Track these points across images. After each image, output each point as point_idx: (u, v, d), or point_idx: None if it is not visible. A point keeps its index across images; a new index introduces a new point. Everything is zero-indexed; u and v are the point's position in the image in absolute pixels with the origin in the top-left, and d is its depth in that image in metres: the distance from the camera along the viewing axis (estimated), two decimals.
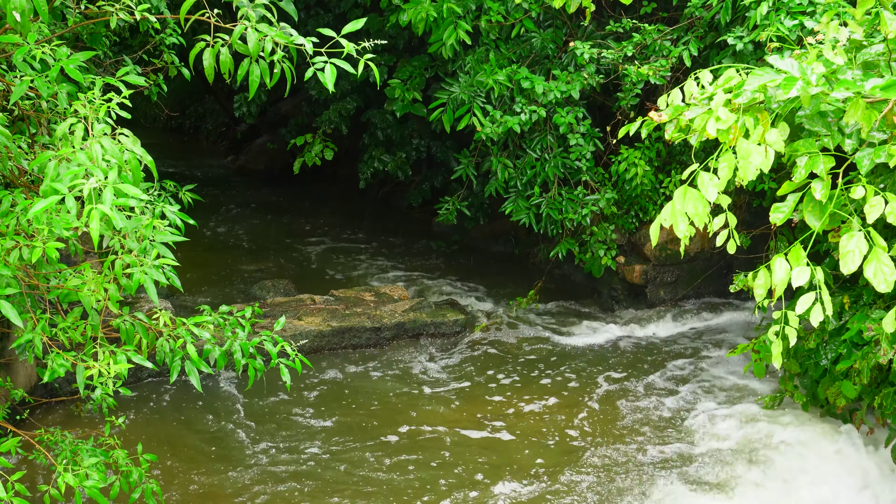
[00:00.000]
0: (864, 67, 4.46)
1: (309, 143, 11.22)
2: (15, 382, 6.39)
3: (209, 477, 6.14)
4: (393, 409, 7.30)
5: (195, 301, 9.38)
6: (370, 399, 7.48)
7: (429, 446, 6.66)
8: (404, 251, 11.95)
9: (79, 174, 3.33)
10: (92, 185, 3.26)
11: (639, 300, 9.63)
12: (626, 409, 7.29)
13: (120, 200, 3.33)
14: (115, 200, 3.30)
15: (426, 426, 6.99)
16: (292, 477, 6.17)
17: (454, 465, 6.39)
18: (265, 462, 6.38)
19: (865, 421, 6.44)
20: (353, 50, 3.88)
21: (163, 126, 20.87)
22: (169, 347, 4.34)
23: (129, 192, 3.35)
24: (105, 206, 3.25)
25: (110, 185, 3.31)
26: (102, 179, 3.34)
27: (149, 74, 6.98)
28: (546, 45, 8.82)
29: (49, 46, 3.93)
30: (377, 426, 6.99)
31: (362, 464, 6.39)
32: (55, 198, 3.24)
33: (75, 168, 3.35)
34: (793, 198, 4.00)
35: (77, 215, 3.34)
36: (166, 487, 5.92)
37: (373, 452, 6.56)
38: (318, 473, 6.24)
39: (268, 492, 5.97)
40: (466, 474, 6.25)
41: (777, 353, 3.97)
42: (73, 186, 3.30)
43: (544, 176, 8.78)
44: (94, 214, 3.20)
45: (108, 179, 3.35)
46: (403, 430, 6.91)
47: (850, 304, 6.49)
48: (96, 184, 3.28)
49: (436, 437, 6.79)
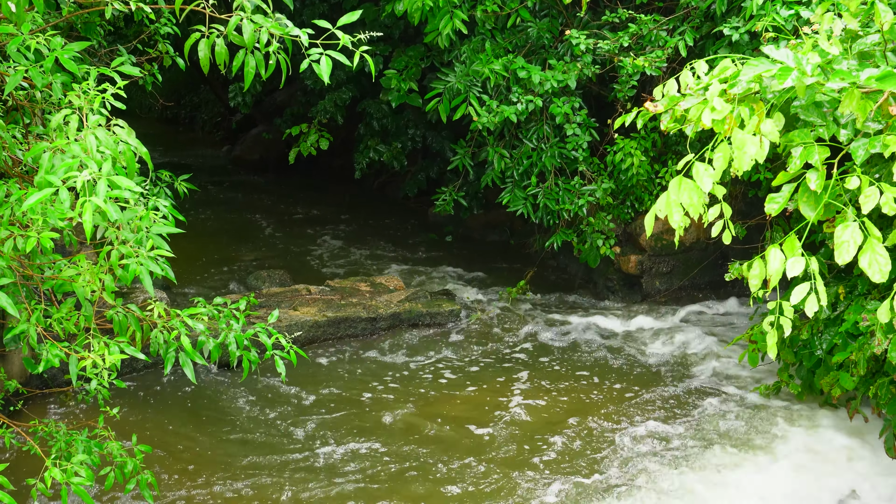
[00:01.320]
0: (859, 58, 4.46)
1: (304, 132, 11.19)
2: (10, 373, 6.39)
3: (203, 467, 6.15)
4: (388, 399, 7.31)
5: (190, 291, 9.38)
6: (365, 389, 7.49)
7: (424, 435, 6.67)
8: (400, 241, 11.95)
9: (73, 166, 3.32)
10: (86, 178, 3.25)
11: (634, 290, 9.64)
12: (621, 397, 7.30)
13: (114, 192, 3.33)
14: (108, 192, 3.29)
15: (421, 416, 6.99)
16: (286, 466, 6.18)
17: (450, 453, 6.39)
18: (259, 452, 6.38)
19: (860, 411, 6.47)
20: (348, 42, 3.87)
21: (158, 116, 20.83)
22: (163, 339, 4.34)
23: (122, 184, 3.35)
24: (99, 198, 3.24)
25: (104, 176, 3.30)
26: (96, 171, 3.33)
27: (143, 64, 6.96)
28: (542, 34, 8.81)
29: (44, 37, 3.91)
30: (372, 416, 7.00)
31: (357, 453, 6.39)
32: (49, 190, 3.24)
33: (70, 160, 3.34)
34: (788, 188, 4.00)
35: (71, 206, 3.33)
36: (160, 478, 5.92)
37: (367, 442, 6.56)
38: (312, 464, 6.25)
39: (262, 481, 5.97)
40: (463, 464, 6.26)
41: (772, 343, 3.98)
42: (67, 178, 3.29)
43: (541, 166, 8.77)
44: (87, 207, 3.19)
45: (102, 171, 3.34)
46: (398, 420, 6.92)
47: (844, 295, 6.51)
48: (90, 176, 3.27)
49: (431, 427, 6.80)
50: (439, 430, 6.77)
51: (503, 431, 6.74)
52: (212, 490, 5.86)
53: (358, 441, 6.58)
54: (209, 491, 5.85)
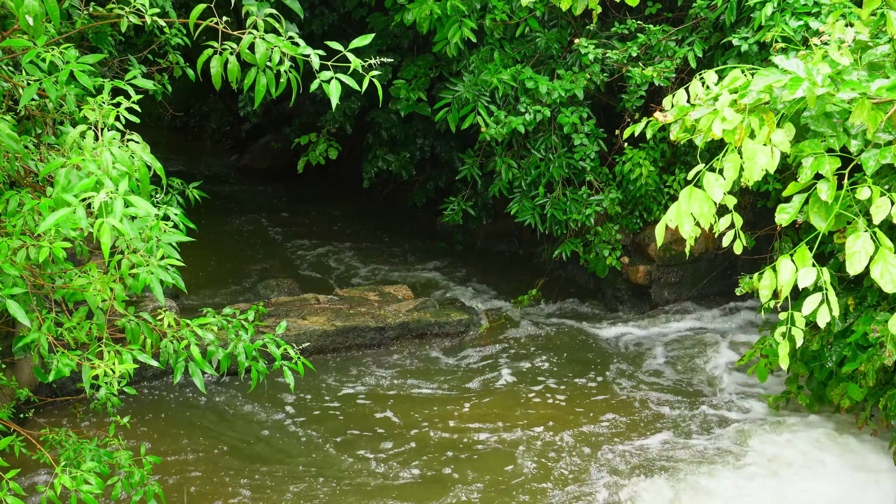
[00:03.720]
0: (869, 68, 4.46)
1: (313, 142, 11.22)
2: (20, 381, 6.40)
3: (210, 478, 6.15)
4: (397, 410, 7.30)
5: (199, 300, 9.38)
6: (373, 399, 7.48)
7: (434, 446, 6.66)
8: (408, 251, 11.95)
9: (89, 186, 3.34)
10: (103, 199, 3.28)
11: (642, 300, 9.63)
12: (632, 408, 7.28)
13: (129, 210, 3.35)
14: (125, 210, 3.32)
15: (430, 426, 6.98)
16: (294, 476, 6.18)
17: (461, 465, 6.38)
18: (266, 461, 6.38)
19: (869, 422, 6.44)
20: (359, 66, 3.89)
21: (167, 125, 20.86)
22: (173, 348, 4.35)
23: (139, 204, 3.37)
24: (115, 219, 3.27)
25: (120, 196, 3.33)
26: (113, 190, 3.35)
27: (154, 74, 6.99)
28: (551, 44, 8.82)
29: (58, 49, 3.93)
30: (380, 426, 6.99)
31: (367, 465, 6.39)
32: (66, 210, 3.26)
33: (86, 179, 3.37)
34: (798, 199, 4.00)
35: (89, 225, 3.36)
36: (167, 488, 5.92)
37: (377, 453, 6.56)
38: (320, 474, 6.24)
39: (269, 491, 5.97)
40: (474, 475, 6.25)
41: (784, 354, 3.97)
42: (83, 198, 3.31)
43: (549, 176, 8.78)
44: (104, 228, 3.22)
45: (118, 190, 3.37)
46: (408, 431, 6.91)
47: (854, 306, 6.49)
48: (107, 196, 3.30)
49: (441, 438, 6.79)
50: (450, 442, 6.76)
51: (512, 441, 6.72)
52: (219, 501, 5.85)
53: (364, 450, 6.57)
54: (217, 502, 5.85)
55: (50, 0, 3.56)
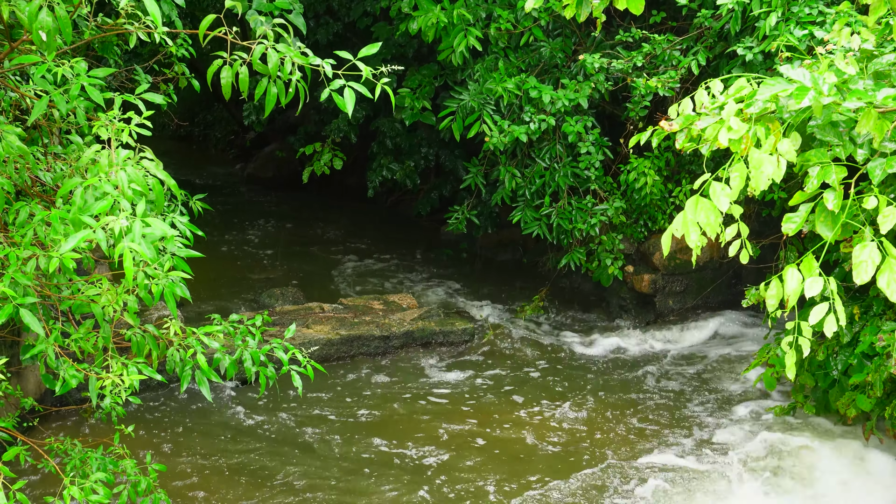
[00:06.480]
0: (875, 77, 4.45)
1: (318, 151, 11.23)
2: (25, 390, 6.41)
3: (217, 485, 6.15)
4: (401, 419, 7.29)
5: (203, 309, 9.39)
6: (378, 408, 7.48)
7: (438, 455, 6.65)
8: (412, 259, 11.95)
9: (105, 209, 3.37)
10: (123, 224, 3.31)
11: (647, 309, 9.62)
12: (636, 417, 7.27)
13: (146, 230, 3.38)
14: (143, 230, 3.35)
15: (435, 435, 6.98)
16: (301, 487, 6.17)
17: (464, 474, 6.37)
18: (272, 469, 6.37)
19: (875, 432, 6.42)
20: (370, 74, 3.92)
21: (171, 134, 20.90)
22: (179, 357, 4.35)
23: (156, 226, 3.39)
24: (134, 243, 3.30)
25: (139, 218, 3.36)
26: (130, 213, 3.39)
27: (159, 84, 7.00)
28: (555, 54, 8.83)
29: (68, 63, 3.94)
30: (386, 435, 6.98)
31: (372, 474, 6.38)
32: (86, 233, 3.31)
33: (103, 203, 3.39)
34: (805, 208, 3.99)
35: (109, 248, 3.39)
36: (173, 496, 5.91)
37: (382, 462, 6.55)
38: (326, 483, 6.24)
39: (275, 499, 5.96)
40: (478, 484, 6.24)
41: (790, 363, 3.95)
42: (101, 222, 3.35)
43: (554, 185, 8.77)
44: (127, 254, 3.25)
45: (136, 212, 3.40)
46: (412, 440, 6.90)
47: (860, 315, 6.48)
48: (126, 221, 3.33)
49: (445, 447, 6.78)
50: (453, 451, 6.75)
51: (515, 448, 6.72)
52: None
53: (369, 457, 6.57)
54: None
55: (62, 15, 3.58)
